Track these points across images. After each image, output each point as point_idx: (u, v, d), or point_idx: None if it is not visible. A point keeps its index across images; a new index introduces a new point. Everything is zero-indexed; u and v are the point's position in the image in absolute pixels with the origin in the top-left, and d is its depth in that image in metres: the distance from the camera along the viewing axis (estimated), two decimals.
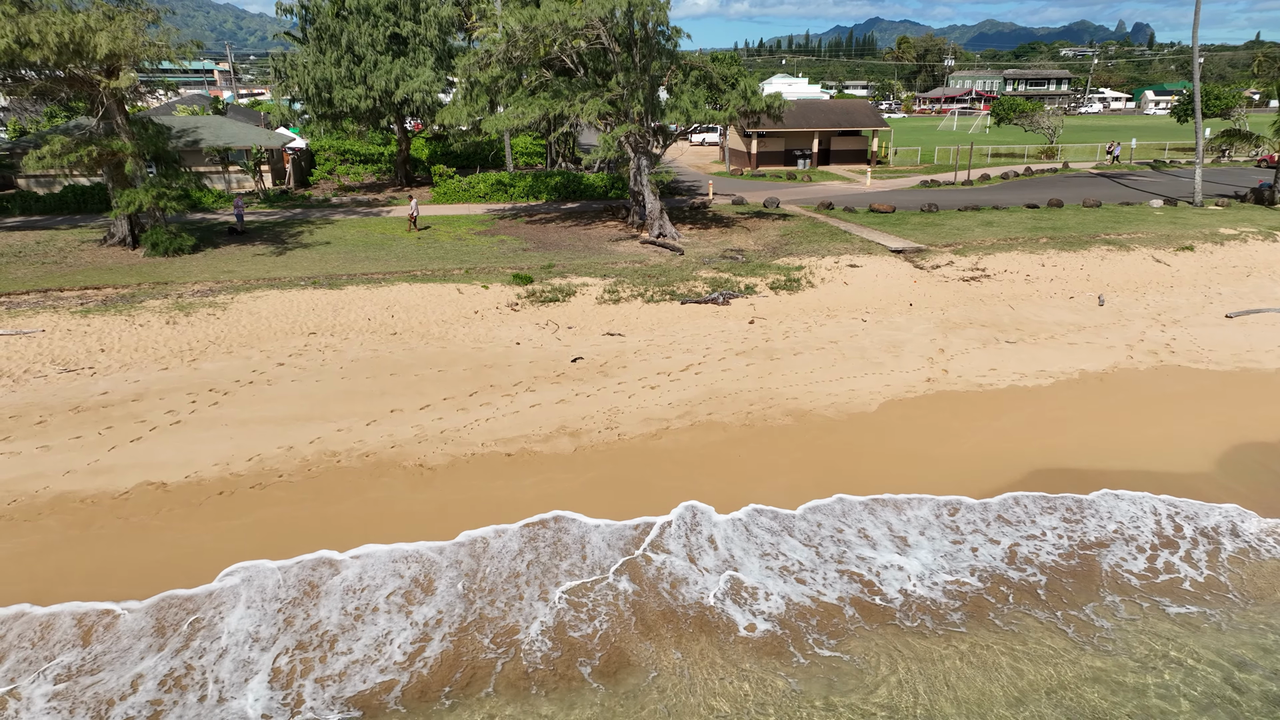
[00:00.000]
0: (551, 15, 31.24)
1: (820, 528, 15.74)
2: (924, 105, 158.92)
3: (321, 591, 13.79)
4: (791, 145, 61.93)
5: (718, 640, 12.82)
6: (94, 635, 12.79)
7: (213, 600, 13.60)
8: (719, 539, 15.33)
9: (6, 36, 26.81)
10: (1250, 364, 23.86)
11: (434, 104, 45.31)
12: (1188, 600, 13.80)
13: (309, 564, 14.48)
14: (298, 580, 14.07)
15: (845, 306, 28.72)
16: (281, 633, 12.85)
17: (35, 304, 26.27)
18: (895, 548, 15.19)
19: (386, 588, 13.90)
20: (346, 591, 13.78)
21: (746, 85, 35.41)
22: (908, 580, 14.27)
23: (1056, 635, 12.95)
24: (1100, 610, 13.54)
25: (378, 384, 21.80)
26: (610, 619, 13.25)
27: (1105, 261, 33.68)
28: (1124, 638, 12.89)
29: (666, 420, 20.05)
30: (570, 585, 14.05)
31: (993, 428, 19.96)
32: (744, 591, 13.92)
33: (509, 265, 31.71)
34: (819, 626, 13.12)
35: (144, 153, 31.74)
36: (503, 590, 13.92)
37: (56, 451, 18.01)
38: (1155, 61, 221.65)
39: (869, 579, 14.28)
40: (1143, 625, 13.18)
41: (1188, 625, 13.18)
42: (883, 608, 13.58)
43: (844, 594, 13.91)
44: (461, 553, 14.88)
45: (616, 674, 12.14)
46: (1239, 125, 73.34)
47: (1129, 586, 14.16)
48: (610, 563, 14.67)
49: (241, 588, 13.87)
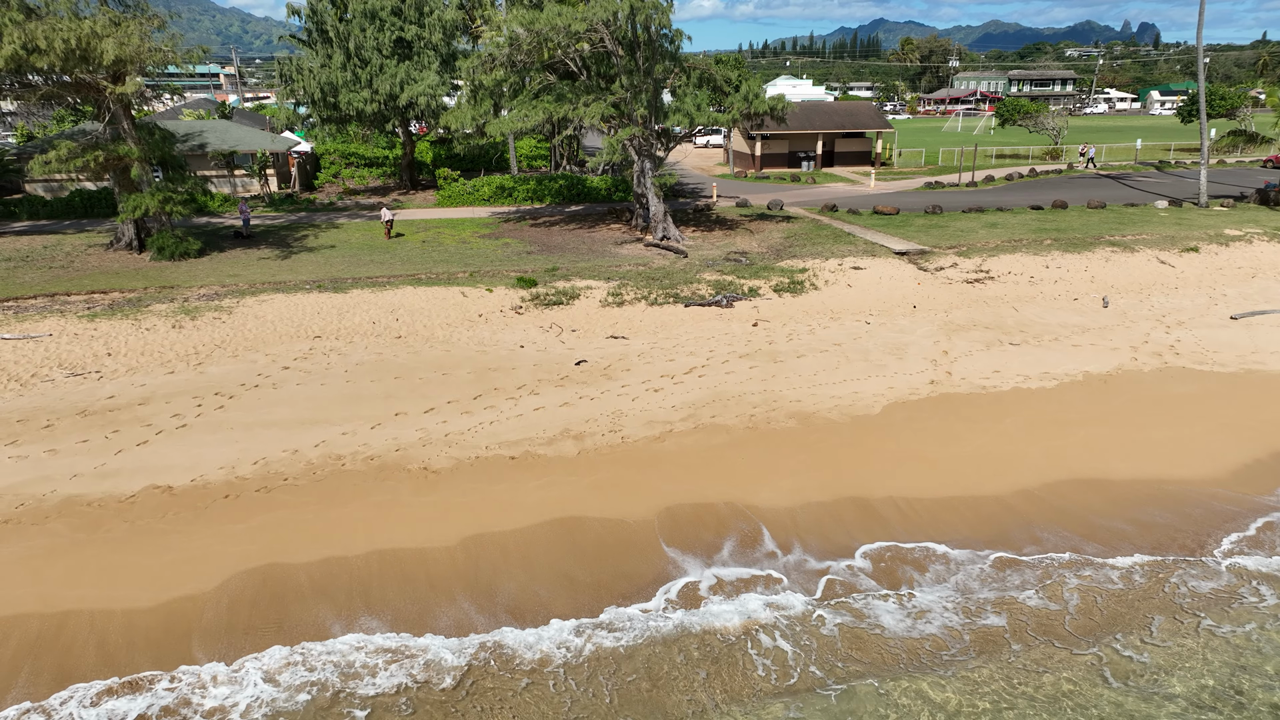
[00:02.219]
0: (554, 19, 31.34)
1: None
2: (928, 106, 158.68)
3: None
4: (795, 147, 61.92)
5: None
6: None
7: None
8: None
9: (14, 43, 27.00)
10: (1255, 366, 23.80)
11: (438, 107, 45.46)
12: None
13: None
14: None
15: (849, 309, 28.72)
16: None
17: (43, 308, 26.42)
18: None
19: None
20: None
21: (749, 87, 35.44)
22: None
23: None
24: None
25: (382, 387, 21.88)
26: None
27: (1109, 263, 33.61)
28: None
29: (670, 423, 20.08)
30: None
31: (996, 430, 19.94)
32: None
33: (513, 268, 31.78)
34: None
35: (150, 157, 31.93)
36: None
37: (63, 455, 18.13)
38: (1161, 61, 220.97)
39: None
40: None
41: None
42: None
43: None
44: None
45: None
46: (1244, 126, 73.24)
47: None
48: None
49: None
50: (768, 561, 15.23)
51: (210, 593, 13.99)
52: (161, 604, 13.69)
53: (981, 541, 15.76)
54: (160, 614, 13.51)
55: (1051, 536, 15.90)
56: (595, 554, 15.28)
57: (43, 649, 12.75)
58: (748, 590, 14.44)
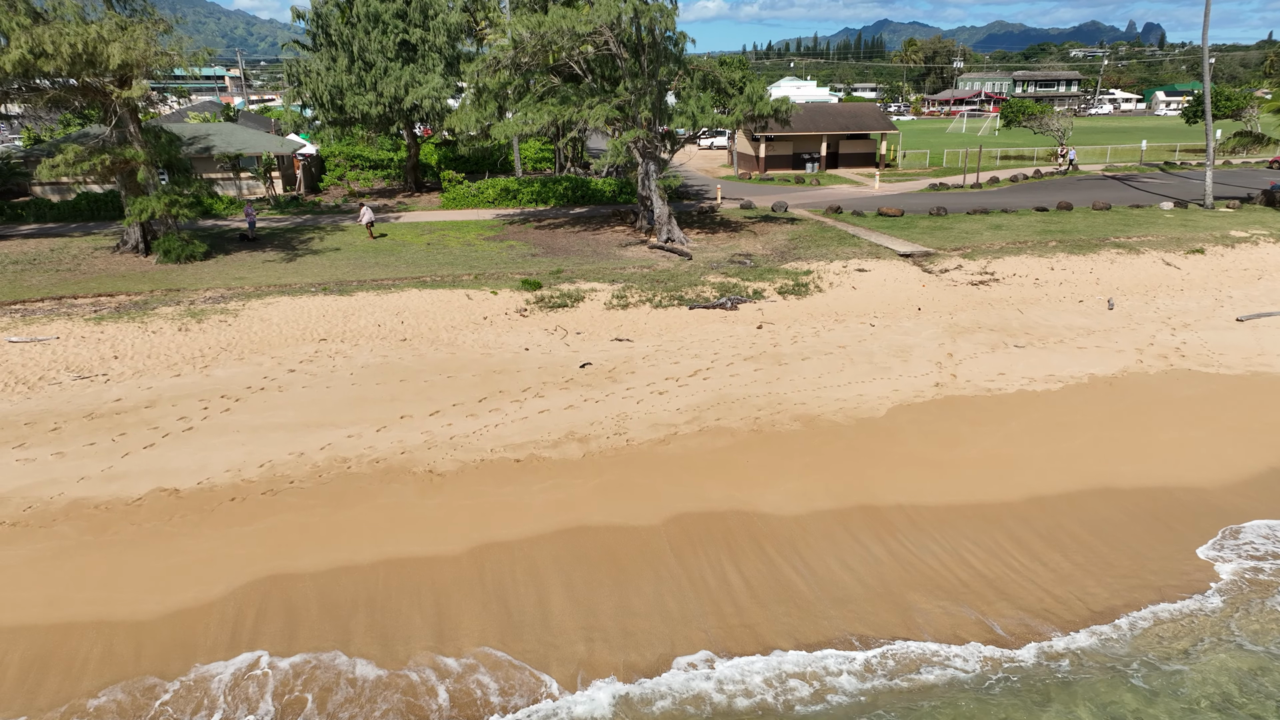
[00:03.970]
0: (559, 21, 31.38)
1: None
2: (933, 108, 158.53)
3: None
4: (800, 149, 61.92)
5: None
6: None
7: None
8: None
9: (21, 47, 27.14)
10: (1261, 368, 23.73)
11: (443, 110, 45.54)
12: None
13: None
14: None
15: (853, 311, 28.71)
16: None
17: (50, 311, 26.53)
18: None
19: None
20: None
21: (753, 89, 35.45)
22: None
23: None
24: None
25: (387, 390, 21.93)
26: None
27: (1115, 265, 33.55)
28: None
29: (675, 426, 20.09)
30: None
31: (1001, 433, 19.91)
32: None
33: (518, 271, 31.83)
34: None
35: (156, 160, 32.03)
36: None
37: (71, 458, 18.20)
38: (1166, 62, 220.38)
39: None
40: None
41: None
42: None
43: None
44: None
45: None
46: (1250, 127, 73.00)
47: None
48: None
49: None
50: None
51: (217, 601, 14.05)
52: (169, 612, 13.73)
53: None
54: (167, 622, 13.55)
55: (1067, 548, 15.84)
56: (603, 563, 15.27)
57: (49, 654, 12.81)
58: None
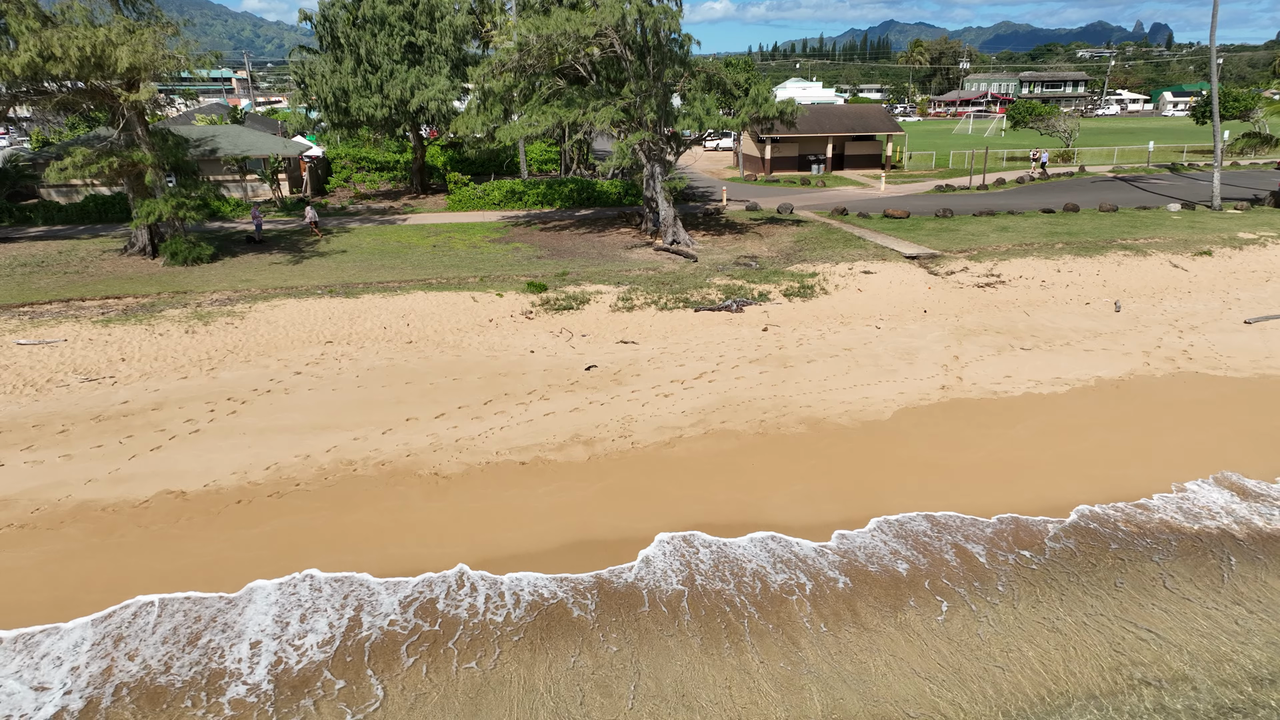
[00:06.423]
0: (564, 24, 31.43)
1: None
2: (939, 108, 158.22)
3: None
4: (805, 150, 61.86)
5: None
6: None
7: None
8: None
9: (30, 50, 27.28)
10: (1270, 371, 23.61)
11: (449, 112, 45.61)
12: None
13: None
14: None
15: (859, 313, 28.66)
16: None
17: (58, 313, 26.66)
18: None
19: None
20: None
21: (759, 91, 35.46)
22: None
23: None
24: None
25: (393, 393, 21.97)
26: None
27: (1122, 267, 33.43)
28: None
29: (680, 429, 20.08)
30: None
31: (1008, 436, 19.85)
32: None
33: (523, 273, 31.86)
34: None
35: (163, 163, 32.17)
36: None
37: (78, 460, 18.28)
38: (1174, 62, 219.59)
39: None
40: None
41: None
42: None
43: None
44: None
45: None
46: (1259, 128, 72.72)
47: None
48: None
49: None
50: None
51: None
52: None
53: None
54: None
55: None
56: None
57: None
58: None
